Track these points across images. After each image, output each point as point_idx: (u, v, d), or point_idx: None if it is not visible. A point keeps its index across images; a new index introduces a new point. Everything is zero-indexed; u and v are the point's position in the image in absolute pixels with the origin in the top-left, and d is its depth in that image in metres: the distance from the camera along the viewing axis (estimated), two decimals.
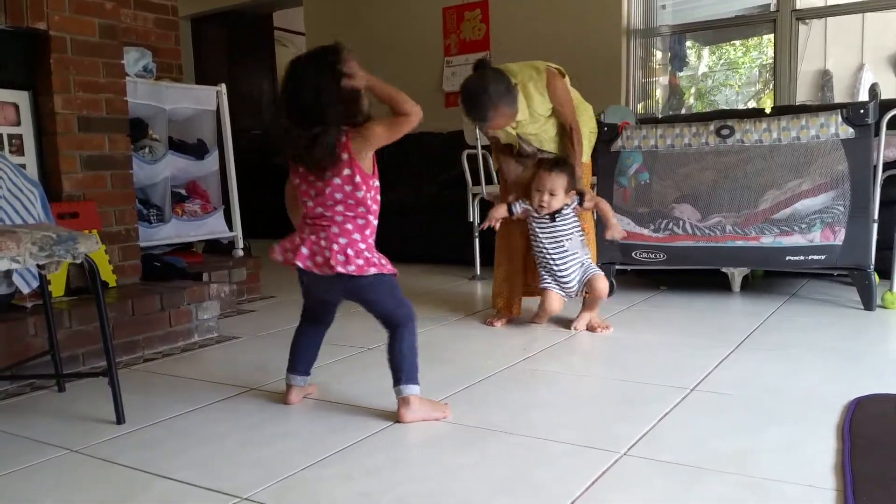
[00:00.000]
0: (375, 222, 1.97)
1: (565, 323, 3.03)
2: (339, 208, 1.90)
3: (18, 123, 2.87)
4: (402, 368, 1.95)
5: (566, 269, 2.87)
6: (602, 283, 2.88)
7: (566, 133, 2.91)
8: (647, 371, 2.35)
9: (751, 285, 3.74)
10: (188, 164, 3.91)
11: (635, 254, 3.48)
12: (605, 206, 2.91)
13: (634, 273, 3.89)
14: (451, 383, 2.27)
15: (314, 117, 1.82)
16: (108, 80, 3.05)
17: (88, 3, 2.95)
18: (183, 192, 4.04)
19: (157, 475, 1.65)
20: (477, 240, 4.29)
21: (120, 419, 2.00)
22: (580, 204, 2.86)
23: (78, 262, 1.94)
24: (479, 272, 4.34)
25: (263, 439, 1.86)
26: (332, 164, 1.87)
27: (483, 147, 4.19)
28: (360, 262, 1.89)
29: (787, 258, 3.22)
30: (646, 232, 3.46)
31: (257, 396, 2.22)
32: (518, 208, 2.91)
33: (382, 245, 2.03)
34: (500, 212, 2.91)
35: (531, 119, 2.85)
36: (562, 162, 2.87)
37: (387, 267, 1.94)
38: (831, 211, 3.16)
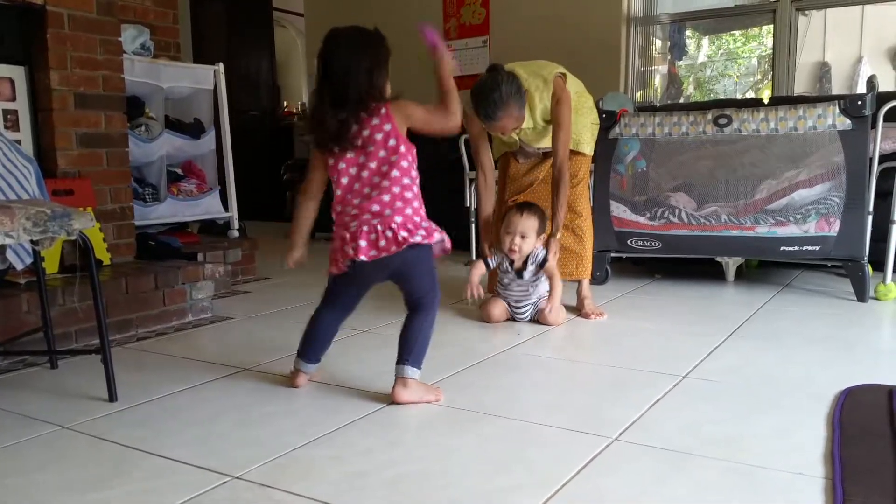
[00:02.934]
0: (419, 192, 1.98)
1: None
2: (385, 183, 1.90)
3: (14, 99, 2.85)
4: (412, 349, 1.94)
5: (522, 305, 2.87)
6: (552, 319, 2.81)
7: (557, 181, 2.78)
8: (639, 358, 2.36)
9: (745, 275, 3.75)
10: (184, 144, 3.90)
11: (630, 241, 3.48)
12: (557, 283, 2.82)
13: (629, 261, 3.89)
14: (446, 366, 2.27)
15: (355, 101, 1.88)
16: (105, 57, 3.03)
17: None
18: (179, 171, 4.03)
19: (149, 453, 1.66)
20: (473, 224, 4.28)
21: (112, 397, 2.00)
22: (541, 266, 2.81)
23: (72, 238, 1.94)
24: (475, 257, 4.34)
25: (256, 419, 1.86)
26: (350, 143, 1.89)
27: None
28: (423, 232, 1.91)
29: (782, 248, 3.23)
30: (641, 220, 3.47)
31: (250, 377, 2.22)
32: (494, 262, 2.89)
33: None
34: (479, 271, 2.85)
35: (533, 127, 2.84)
36: (532, 204, 2.83)
37: (444, 233, 1.97)
38: (827, 202, 3.17)
